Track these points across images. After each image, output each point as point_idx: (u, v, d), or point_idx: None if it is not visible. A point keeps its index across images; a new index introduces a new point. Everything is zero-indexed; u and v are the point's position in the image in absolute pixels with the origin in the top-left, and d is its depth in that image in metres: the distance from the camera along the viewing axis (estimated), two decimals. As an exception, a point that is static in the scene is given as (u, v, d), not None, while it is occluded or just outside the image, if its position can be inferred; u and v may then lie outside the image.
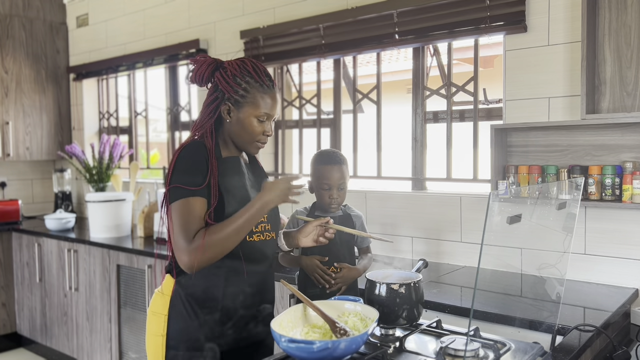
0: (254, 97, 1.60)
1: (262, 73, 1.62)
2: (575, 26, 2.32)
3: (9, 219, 4.29)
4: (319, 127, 3.39)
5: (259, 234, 1.64)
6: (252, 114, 1.60)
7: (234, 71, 1.60)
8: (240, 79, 1.59)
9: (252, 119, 1.61)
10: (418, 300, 1.57)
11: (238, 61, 1.63)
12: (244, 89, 1.59)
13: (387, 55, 4.87)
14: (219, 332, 1.59)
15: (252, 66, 1.62)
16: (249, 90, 1.60)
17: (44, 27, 4.70)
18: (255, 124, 1.61)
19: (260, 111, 1.61)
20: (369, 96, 3.15)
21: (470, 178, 2.77)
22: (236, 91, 1.59)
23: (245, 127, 1.61)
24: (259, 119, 1.61)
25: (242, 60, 1.63)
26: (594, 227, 2.31)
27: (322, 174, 1.91)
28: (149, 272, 3.12)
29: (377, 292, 1.57)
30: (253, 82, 1.60)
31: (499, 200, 1.38)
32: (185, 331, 1.59)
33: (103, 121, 4.86)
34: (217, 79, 1.62)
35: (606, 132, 2.28)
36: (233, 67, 1.61)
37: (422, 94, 2.92)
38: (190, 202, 1.51)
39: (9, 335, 4.26)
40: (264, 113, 1.61)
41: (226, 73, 1.61)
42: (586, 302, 2.06)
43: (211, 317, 1.59)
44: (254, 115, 1.61)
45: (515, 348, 1.46)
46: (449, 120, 2.84)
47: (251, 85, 1.60)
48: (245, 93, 1.59)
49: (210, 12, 3.75)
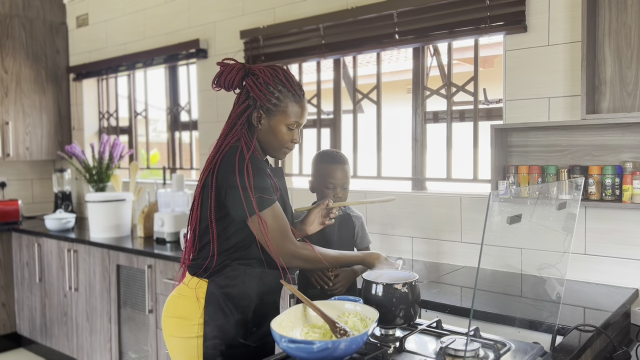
0: (286, 105, 1.64)
1: (294, 82, 1.66)
2: (575, 26, 2.32)
3: (9, 219, 4.29)
4: (319, 127, 3.39)
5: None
6: (282, 121, 1.65)
7: (267, 79, 1.63)
8: (273, 87, 1.63)
9: (283, 126, 1.66)
10: (415, 299, 1.57)
11: (269, 69, 1.66)
12: (276, 98, 1.63)
13: (387, 55, 4.87)
14: (250, 329, 1.66)
15: (284, 75, 1.65)
16: (282, 99, 1.64)
17: (44, 27, 4.70)
18: (285, 131, 1.67)
19: (290, 119, 1.66)
20: (369, 96, 3.15)
21: (470, 178, 2.77)
22: (269, 99, 1.63)
23: (276, 134, 1.66)
24: (289, 127, 1.67)
25: (274, 69, 1.66)
26: (594, 227, 2.31)
27: (327, 173, 1.94)
28: (149, 272, 3.12)
29: (373, 292, 1.57)
30: (285, 91, 1.64)
31: (499, 200, 1.37)
32: (224, 330, 1.63)
33: (103, 121, 4.86)
34: (249, 86, 1.65)
35: (606, 132, 2.27)
36: (265, 75, 1.64)
37: (422, 94, 2.92)
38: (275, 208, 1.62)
39: (9, 335, 4.26)
40: (294, 121, 1.67)
41: (258, 80, 1.64)
42: (586, 302, 2.06)
43: (245, 316, 1.65)
44: (284, 123, 1.66)
45: (515, 348, 1.46)
46: (449, 120, 2.83)
47: (284, 94, 1.64)
48: (278, 102, 1.64)
49: (210, 12, 3.75)
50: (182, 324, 1.66)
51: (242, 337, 1.64)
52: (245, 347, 1.65)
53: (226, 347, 1.62)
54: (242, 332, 1.65)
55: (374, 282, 1.57)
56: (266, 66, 1.68)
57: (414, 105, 2.94)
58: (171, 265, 3.01)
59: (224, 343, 1.62)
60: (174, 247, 3.24)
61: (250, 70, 1.67)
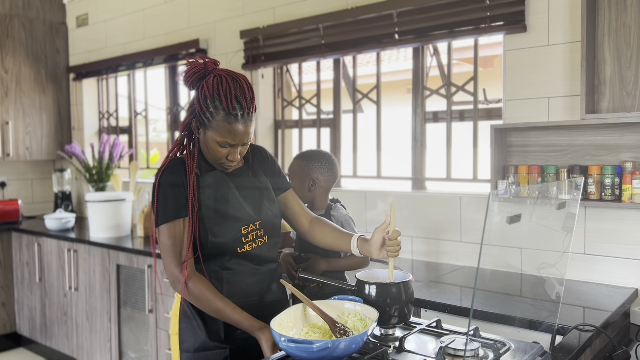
0: (218, 124, 1.53)
1: (232, 100, 1.52)
2: (575, 26, 2.32)
3: (9, 219, 4.29)
4: (319, 127, 3.39)
5: (251, 243, 1.65)
6: (214, 139, 1.56)
7: (208, 91, 1.53)
8: (210, 101, 1.53)
9: (214, 143, 1.57)
10: (408, 299, 1.57)
11: (217, 80, 1.54)
12: (210, 113, 1.53)
13: (387, 55, 4.88)
14: (225, 332, 1.62)
15: (226, 90, 1.53)
16: (215, 116, 1.53)
17: (44, 27, 4.70)
18: (218, 148, 1.57)
19: (221, 138, 1.55)
20: (369, 96, 3.15)
21: (470, 178, 2.78)
22: (204, 113, 1.54)
23: (209, 148, 1.59)
24: (220, 145, 1.57)
25: (221, 80, 1.54)
26: (593, 227, 2.31)
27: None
28: (149, 272, 3.12)
29: (367, 292, 1.57)
30: (221, 109, 1.52)
31: (499, 200, 1.38)
32: (192, 332, 1.64)
33: (103, 121, 4.86)
34: (197, 93, 1.58)
35: (606, 132, 2.28)
36: (209, 86, 1.53)
37: (422, 94, 2.92)
38: (176, 225, 1.58)
39: (9, 335, 4.26)
40: (224, 141, 1.55)
41: (202, 90, 1.54)
42: (586, 302, 2.06)
43: (214, 319, 1.62)
44: (215, 141, 1.56)
45: (515, 348, 1.46)
46: (449, 120, 2.84)
47: (217, 112, 1.53)
48: (211, 117, 1.53)
49: (210, 12, 3.75)
50: (174, 321, 1.74)
51: (214, 339, 1.62)
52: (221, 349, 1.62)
53: (196, 349, 1.62)
54: (215, 334, 1.62)
55: (367, 283, 1.57)
56: (220, 74, 1.55)
57: (414, 105, 2.94)
58: (171, 265, 3.01)
59: (193, 344, 1.64)
60: (174, 247, 3.23)
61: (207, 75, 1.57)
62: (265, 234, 1.69)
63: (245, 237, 1.63)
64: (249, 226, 1.64)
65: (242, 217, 1.64)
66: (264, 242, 1.68)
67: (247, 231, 1.64)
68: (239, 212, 1.64)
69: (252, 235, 1.65)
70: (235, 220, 1.63)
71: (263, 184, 1.74)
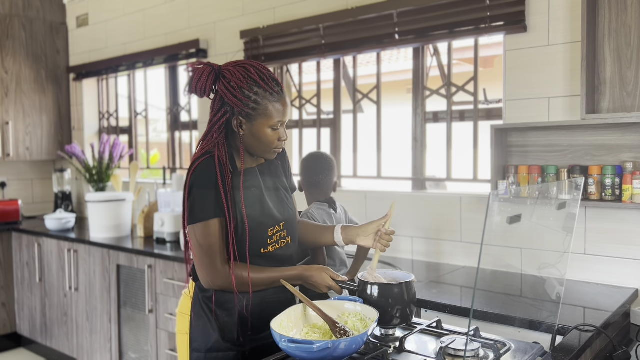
0: (266, 107, 1.53)
1: (269, 79, 1.54)
2: (575, 26, 2.32)
3: (9, 219, 4.29)
4: (319, 127, 3.39)
5: (274, 244, 1.64)
6: (265, 124, 1.55)
7: (239, 82, 1.51)
8: (248, 90, 1.51)
9: (266, 129, 1.56)
10: (410, 299, 1.57)
11: (241, 69, 1.53)
12: (254, 102, 1.52)
13: (387, 55, 4.88)
14: (240, 332, 1.60)
15: (257, 74, 1.53)
16: (260, 102, 1.52)
17: (44, 27, 4.70)
18: (270, 133, 1.57)
19: (273, 120, 1.55)
20: (369, 96, 3.15)
21: (470, 178, 2.78)
22: (246, 104, 1.52)
23: (260, 138, 1.57)
24: (272, 128, 1.56)
25: (245, 68, 1.54)
26: (593, 227, 2.31)
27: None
28: (149, 272, 3.12)
29: (369, 292, 1.57)
30: (262, 92, 1.52)
31: (499, 200, 1.38)
32: (205, 331, 1.61)
33: (103, 121, 4.86)
34: (222, 93, 1.54)
35: (606, 132, 2.28)
36: (237, 78, 1.52)
37: (422, 94, 2.92)
38: (211, 224, 1.53)
39: (9, 335, 4.26)
40: (277, 121, 1.56)
41: (230, 85, 1.52)
42: (586, 302, 2.06)
43: (230, 319, 1.60)
44: (267, 126, 1.55)
45: (515, 348, 1.46)
46: (449, 120, 2.84)
47: (261, 96, 1.52)
48: (256, 105, 1.52)
49: (210, 12, 3.75)
50: (182, 319, 1.71)
51: (227, 339, 1.59)
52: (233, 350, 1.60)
53: (208, 349, 1.60)
54: (228, 334, 1.60)
55: (369, 284, 1.57)
56: (237, 65, 1.55)
57: (414, 105, 2.94)
58: (171, 265, 3.01)
59: (206, 344, 1.60)
60: (174, 247, 3.24)
61: (220, 73, 1.55)
62: (288, 235, 1.68)
63: (270, 239, 1.62)
64: (274, 227, 1.63)
65: (272, 218, 1.63)
66: (286, 243, 1.67)
67: (273, 232, 1.63)
68: (269, 213, 1.63)
69: (277, 236, 1.65)
70: (266, 221, 1.62)
71: (284, 183, 1.75)
